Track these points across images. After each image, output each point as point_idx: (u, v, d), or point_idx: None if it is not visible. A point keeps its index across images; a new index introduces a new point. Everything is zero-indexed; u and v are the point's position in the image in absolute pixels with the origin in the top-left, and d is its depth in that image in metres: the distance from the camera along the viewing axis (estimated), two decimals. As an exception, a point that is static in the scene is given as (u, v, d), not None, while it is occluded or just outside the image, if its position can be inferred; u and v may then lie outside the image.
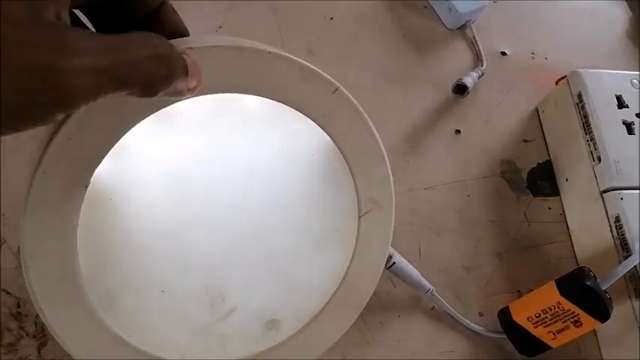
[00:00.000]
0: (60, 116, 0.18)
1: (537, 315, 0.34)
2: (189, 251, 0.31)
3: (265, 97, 0.27)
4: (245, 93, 0.27)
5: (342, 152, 0.30)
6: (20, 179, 0.26)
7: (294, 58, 0.27)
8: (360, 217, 0.31)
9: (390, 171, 0.31)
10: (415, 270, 0.37)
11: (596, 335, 0.39)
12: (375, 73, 0.45)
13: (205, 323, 0.31)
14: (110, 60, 0.18)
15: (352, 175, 0.31)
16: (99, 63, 0.18)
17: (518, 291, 0.39)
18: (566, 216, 0.42)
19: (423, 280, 0.37)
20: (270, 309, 0.32)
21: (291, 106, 0.28)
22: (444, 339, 0.37)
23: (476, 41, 0.47)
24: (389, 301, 0.38)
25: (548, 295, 0.34)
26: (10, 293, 0.35)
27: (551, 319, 0.34)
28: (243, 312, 0.31)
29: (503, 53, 0.48)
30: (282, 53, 0.26)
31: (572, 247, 0.41)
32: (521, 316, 0.35)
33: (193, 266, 0.31)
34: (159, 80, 0.20)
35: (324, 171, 0.32)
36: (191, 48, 0.24)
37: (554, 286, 0.34)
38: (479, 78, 0.45)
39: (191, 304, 0.31)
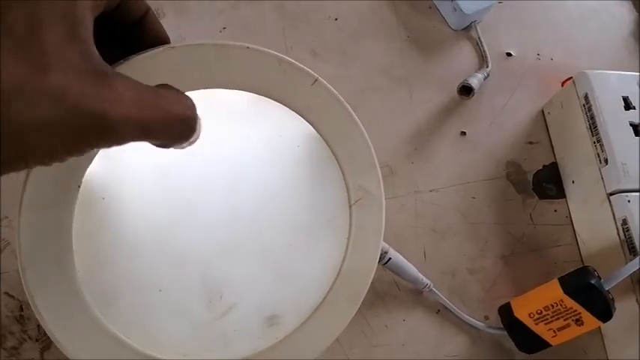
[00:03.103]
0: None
1: (539, 312, 0.34)
2: (185, 248, 0.31)
3: (247, 92, 0.29)
4: (227, 88, 0.29)
5: (326, 142, 0.32)
6: (22, 182, 0.26)
7: (272, 52, 0.29)
8: (351, 206, 0.32)
9: (375, 157, 0.32)
10: (411, 265, 0.37)
11: (601, 336, 0.38)
12: (380, 74, 0.45)
13: (205, 321, 0.31)
14: (150, 115, 0.20)
15: (339, 164, 0.32)
16: (142, 116, 0.20)
17: (515, 296, 0.39)
18: (572, 218, 0.42)
19: (420, 275, 0.37)
20: (269, 304, 0.32)
21: (273, 99, 0.30)
22: (449, 342, 0.37)
23: (481, 42, 0.47)
24: (394, 304, 0.38)
25: (551, 292, 0.34)
26: (13, 296, 0.35)
27: (553, 317, 0.34)
28: (243, 308, 0.31)
29: (509, 54, 0.47)
30: (260, 48, 0.28)
31: (579, 249, 0.41)
32: (522, 312, 0.34)
33: (189, 263, 0.31)
34: (180, 139, 0.23)
35: (311, 162, 0.33)
36: (173, 47, 0.26)
37: (557, 283, 0.34)
38: (484, 79, 0.45)
39: (189, 302, 0.31)
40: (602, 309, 0.33)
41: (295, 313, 0.32)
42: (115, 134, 0.19)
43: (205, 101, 0.29)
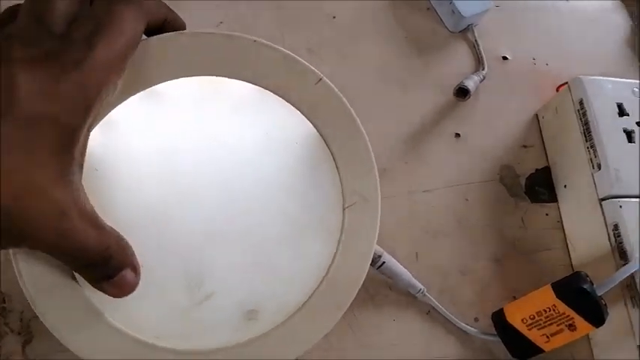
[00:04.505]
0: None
1: (532, 317, 0.34)
2: (171, 230, 0.31)
3: (250, 83, 0.31)
4: (232, 78, 0.30)
5: (325, 142, 0.32)
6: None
7: (278, 47, 0.30)
8: (344, 209, 0.32)
9: (375, 164, 0.32)
10: (405, 270, 0.37)
11: (589, 342, 0.39)
12: (376, 73, 0.44)
13: (183, 306, 0.30)
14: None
15: (337, 166, 0.32)
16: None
17: (514, 297, 0.39)
18: (564, 223, 0.42)
19: (414, 280, 0.37)
20: (250, 298, 0.31)
21: (275, 93, 0.31)
22: (439, 344, 0.37)
23: (478, 45, 0.47)
24: (385, 304, 0.38)
25: (544, 298, 0.34)
26: (-3, 288, 0.34)
27: (546, 322, 0.34)
28: (222, 299, 0.31)
29: (505, 58, 0.48)
30: (267, 43, 0.30)
31: (569, 254, 0.41)
32: (515, 318, 0.35)
33: (174, 246, 0.31)
34: (94, 278, 0.26)
35: (308, 160, 0.33)
36: (182, 33, 0.28)
37: (550, 289, 0.34)
38: (480, 82, 0.45)
39: (169, 284, 0.30)
40: (595, 314, 0.33)
41: (276, 310, 0.31)
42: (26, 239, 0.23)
43: (209, 88, 0.31)
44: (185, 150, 0.32)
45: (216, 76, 0.31)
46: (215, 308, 0.31)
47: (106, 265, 0.26)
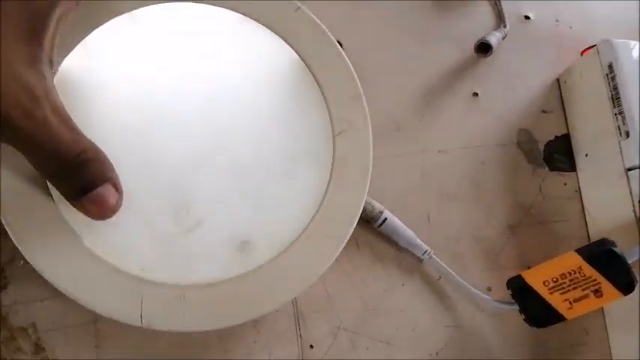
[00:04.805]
0: None
1: (554, 280, 0.31)
2: (155, 153, 0.29)
3: (230, 9, 0.32)
4: (213, 3, 0.32)
5: (308, 68, 0.32)
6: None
7: None
8: (334, 137, 0.32)
9: (361, 89, 0.32)
10: (409, 230, 0.34)
11: (604, 317, 0.37)
12: (393, 24, 0.41)
13: (169, 234, 0.29)
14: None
15: (322, 93, 0.32)
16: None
17: (528, 267, 0.36)
18: (582, 193, 0.40)
19: (418, 241, 0.35)
20: (241, 228, 0.29)
21: (256, 20, 0.32)
22: (449, 311, 0.35)
23: (499, 1, 0.44)
24: (393, 267, 0.35)
25: (568, 260, 0.31)
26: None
27: (570, 286, 0.31)
28: (211, 227, 0.29)
29: (527, 17, 0.45)
30: None
31: (586, 225, 0.39)
32: (536, 280, 0.32)
33: (158, 170, 0.29)
34: (51, 175, 0.25)
35: (293, 88, 0.33)
36: None
37: (575, 253, 0.31)
38: (502, 39, 0.42)
39: (154, 210, 0.29)
40: (624, 279, 0.30)
41: (270, 242, 0.29)
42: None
43: (189, 14, 0.32)
44: (166, 77, 0.31)
45: (198, 2, 0.31)
46: (204, 238, 0.29)
47: (82, 173, 0.25)
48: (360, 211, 0.31)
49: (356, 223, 0.31)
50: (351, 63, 0.37)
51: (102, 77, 0.30)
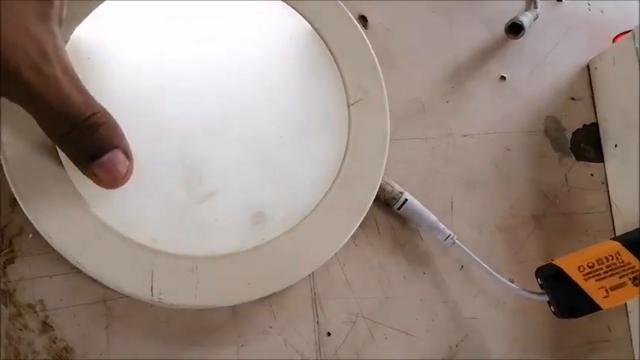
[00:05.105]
0: None
1: (590, 265, 0.29)
2: (165, 120, 0.29)
3: None
4: None
5: (321, 37, 0.32)
6: None
7: None
8: (349, 106, 0.31)
9: (376, 59, 0.32)
10: (430, 213, 0.33)
11: (627, 314, 0.36)
12: (422, 2, 0.39)
13: (181, 204, 0.28)
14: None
15: (336, 62, 0.32)
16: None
17: (552, 259, 0.35)
18: (609, 185, 0.38)
19: (441, 225, 0.33)
20: (256, 199, 0.29)
21: None
22: (470, 303, 0.34)
23: (531, -19, 0.42)
24: (415, 255, 0.34)
25: (605, 246, 0.30)
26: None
27: (607, 272, 0.29)
28: (225, 198, 0.28)
29: (558, -1, 0.43)
30: None
31: (612, 218, 0.38)
32: (570, 266, 0.30)
33: (169, 137, 0.29)
34: (56, 134, 0.24)
35: (307, 57, 0.32)
36: None
37: (611, 240, 0.30)
38: (534, 20, 0.40)
39: (165, 179, 0.28)
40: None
41: (285, 214, 0.29)
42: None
43: None
44: (179, 47, 0.30)
45: None
46: (217, 209, 0.28)
47: (92, 137, 0.24)
48: (380, 180, 0.30)
49: (375, 193, 0.30)
50: (377, 40, 0.35)
51: (113, 46, 0.29)
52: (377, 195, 0.32)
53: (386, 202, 0.33)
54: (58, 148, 0.26)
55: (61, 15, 0.24)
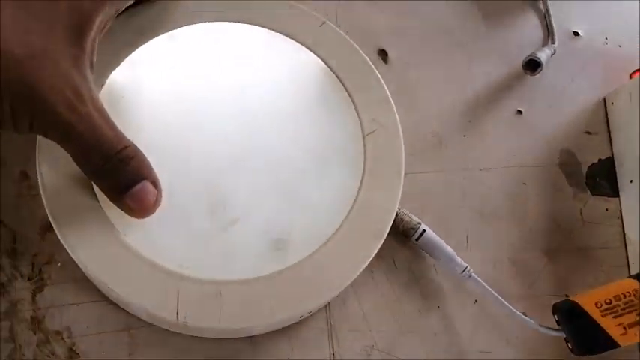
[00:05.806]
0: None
1: (607, 301, 0.30)
2: (194, 154, 0.31)
3: (263, 27, 0.35)
4: (242, 22, 0.34)
5: (336, 75, 0.34)
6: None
7: None
8: (365, 137, 0.33)
9: (388, 93, 0.34)
10: (447, 245, 0.33)
11: (640, 352, 0.36)
12: (439, 34, 0.40)
13: (206, 231, 0.29)
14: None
15: (350, 97, 0.34)
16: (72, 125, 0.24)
17: (566, 295, 0.36)
18: (624, 221, 0.39)
19: (457, 258, 0.33)
20: (276, 227, 0.30)
21: (286, 35, 0.35)
22: (483, 337, 0.34)
23: (549, 15, 0.43)
24: (430, 289, 0.34)
25: (623, 283, 0.30)
26: (7, 225, 0.30)
27: (624, 309, 0.29)
28: (247, 225, 0.30)
29: (576, 34, 0.43)
30: None
31: (626, 255, 0.38)
32: (587, 301, 0.30)
33: (195, 171, 0.31)
34: (88, 166, 0.26)
35: (323, 93, 0.34)
36: None
37: (629, 278, 0.30)
38: (551, 56, 0.41)
39: (192, 208, 0.30)
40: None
41: (305, 240, 0.30)
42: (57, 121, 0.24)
43: (225, 32, 0.34)
44: (206, 87, 0.33)
45: (228, 21, 0.34)
46: (241, 235, 0.30)
47: (124, 170, 0.25)
48: (396, 205, 0.32)
49: (392, 217, 0.32)
50: (396, 74, 0.36)
51: (145, 87, 0.32)
52: (395, 226, 0.33)
53: (404, 233, 0.34)
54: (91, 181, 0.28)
55: (92, 60, 0.26)
